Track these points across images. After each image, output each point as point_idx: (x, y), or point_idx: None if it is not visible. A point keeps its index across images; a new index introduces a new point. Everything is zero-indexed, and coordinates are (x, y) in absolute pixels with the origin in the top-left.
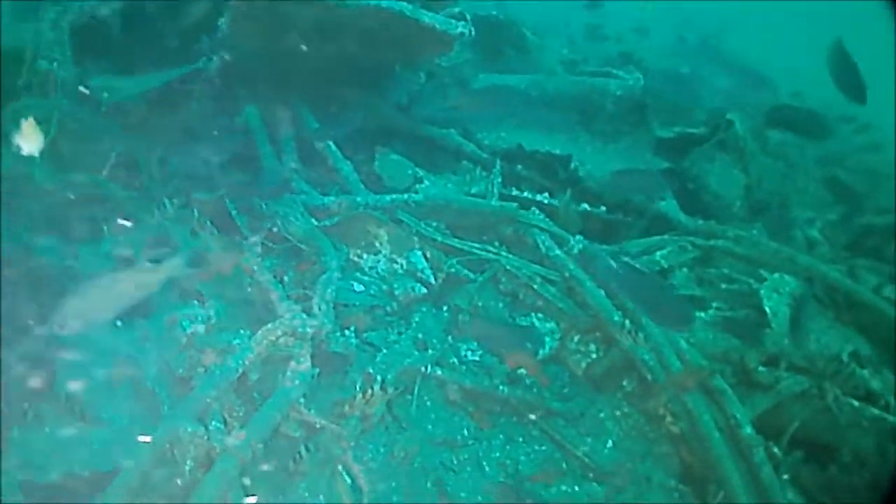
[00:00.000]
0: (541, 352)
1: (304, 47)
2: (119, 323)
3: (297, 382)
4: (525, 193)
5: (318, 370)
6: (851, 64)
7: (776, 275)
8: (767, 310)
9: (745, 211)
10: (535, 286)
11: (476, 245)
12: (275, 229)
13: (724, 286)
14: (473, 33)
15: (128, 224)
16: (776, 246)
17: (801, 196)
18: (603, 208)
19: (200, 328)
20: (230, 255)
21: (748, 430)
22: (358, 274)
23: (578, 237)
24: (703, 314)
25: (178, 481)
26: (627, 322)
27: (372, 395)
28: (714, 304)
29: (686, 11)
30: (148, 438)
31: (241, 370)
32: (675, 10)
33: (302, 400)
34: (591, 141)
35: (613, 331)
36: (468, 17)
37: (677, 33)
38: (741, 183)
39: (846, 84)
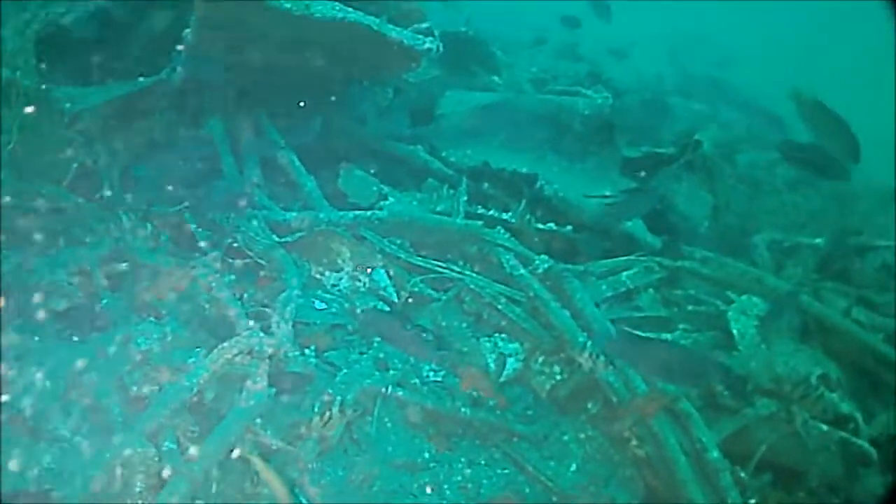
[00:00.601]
0: (503, 373)
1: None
2: (75, 338)
3: (252, 402)
4: (491, 212)
5: (274, 390)
6: (837, 120)
7: (744, 297)
8: (734, 332)
9: (712, 232)
10: (500, 306)
11: (440, 263)
12: (235, 244)
13: (690, 308)
14: (441, 49)
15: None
16: (744, 267)
17: (770, 217)
18: (569, 227)
19: (156, 345)
20: (185, 270)
21: (714, 454)
22: (320, 291)
23: (543, 257)
24: (668, 336)
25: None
26: (589, 344)
27: (330, 416)
28: (681, 326)
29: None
30: None
31: (196, 389)
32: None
33: (258, 420)
34: (557, 160)
35: (574, 354)
36: (436, 32)
37: (661, 56)
38: (709, 204)
39: (835, 142)
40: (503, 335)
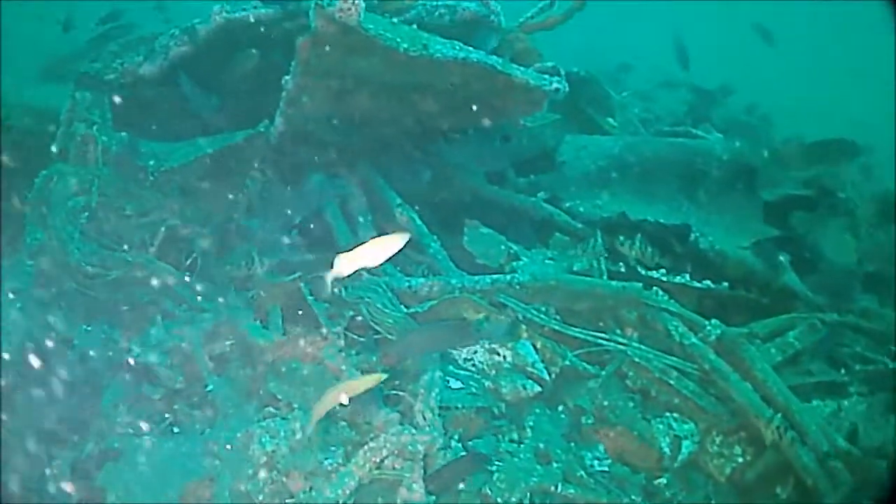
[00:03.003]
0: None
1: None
2: (176, 429)
3: None
4: (642, 271)
5: (434, 499)
6: None
7: None
8: None
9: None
10: (671, 381)
11: (599, 334)
12: (359, 317)
13: (858, 367)
14: (567, 89)
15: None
16: None
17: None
18: (725, 284)
19: (282, 443)
20: (304, 349)
21: None
22: (451, 367)
23: (714, 321)
24: (845, 402)
25: None
26: (778, 417)
27: None
28: (853, 390)
29: None
30: None
31: (341, 501)
32: None
33: None
34: (695, 209)
35: (759, 427)
36: (562, 72)
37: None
38: (853, 248)
39: None
40: (675, 414)
